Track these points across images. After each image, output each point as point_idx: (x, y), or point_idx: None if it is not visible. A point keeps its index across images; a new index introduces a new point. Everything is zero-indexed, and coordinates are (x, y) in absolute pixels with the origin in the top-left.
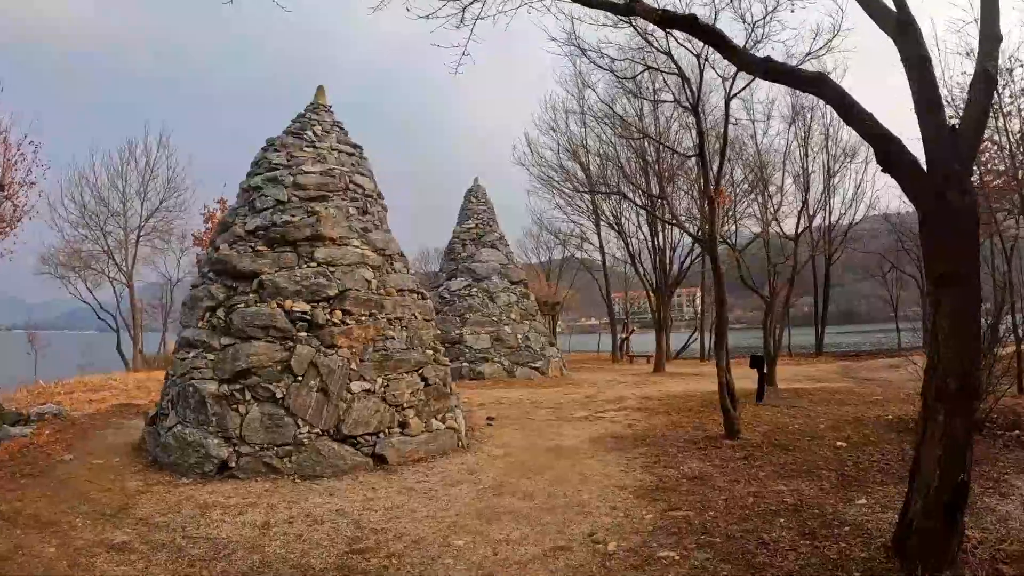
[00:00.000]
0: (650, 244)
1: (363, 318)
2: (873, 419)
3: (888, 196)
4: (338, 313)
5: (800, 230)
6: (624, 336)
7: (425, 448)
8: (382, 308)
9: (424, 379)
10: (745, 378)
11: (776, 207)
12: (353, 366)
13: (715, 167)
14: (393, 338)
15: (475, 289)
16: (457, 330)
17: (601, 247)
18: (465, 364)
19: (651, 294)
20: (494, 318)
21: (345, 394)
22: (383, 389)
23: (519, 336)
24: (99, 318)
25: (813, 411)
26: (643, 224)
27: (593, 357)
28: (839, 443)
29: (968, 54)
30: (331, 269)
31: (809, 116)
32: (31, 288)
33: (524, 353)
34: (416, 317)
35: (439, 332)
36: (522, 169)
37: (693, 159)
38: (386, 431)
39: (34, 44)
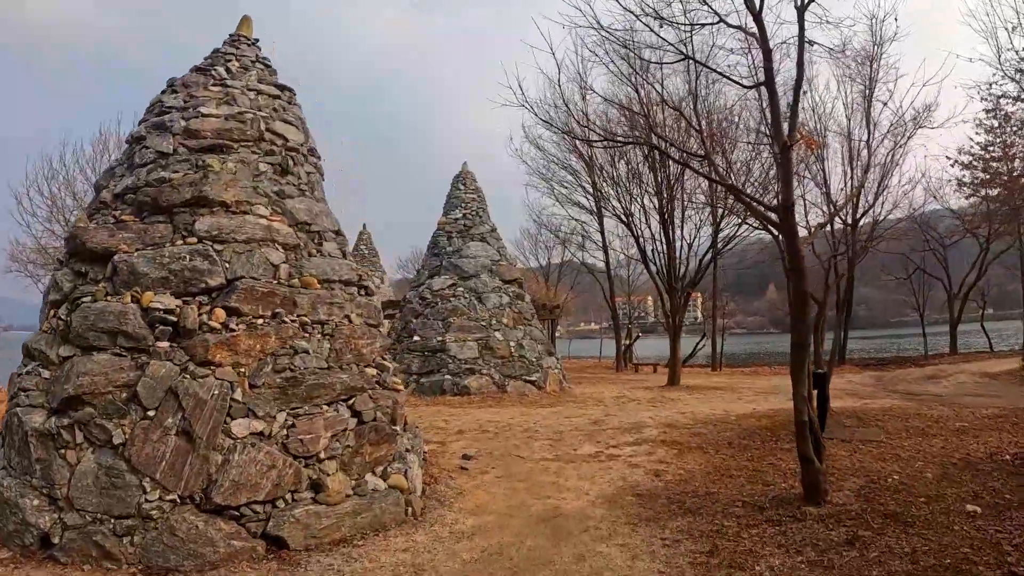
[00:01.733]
0: (662, 239)
1: (260, 321)
2: (984, 458)
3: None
4: (220, 313)
5: (859, 215)
6: (628, 343)
7: (351, 522)
8: (293, 307)
9: (356, 414)
10: (767, 393)
11: (842, 184)
12: (238, 395)
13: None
14: (307, 352)
15: (461, 289)
16: (439, 336)
17: (604, 245)
18: (448, 377)
19: (663, 296)
20: (482, 323)
21: (222, 440)
22: (284, 431)
23: (512, 344)
24: None
25: (898, 447)
26: (653, 218)
27: (594, 364)
28: (970, 507)
29: None
30: (217, 247)
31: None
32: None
33: (517, 364)
34: (350, 321)
35: (396, 342)
36: (518, 169)
37: (754, 92)
38: (288, 497)
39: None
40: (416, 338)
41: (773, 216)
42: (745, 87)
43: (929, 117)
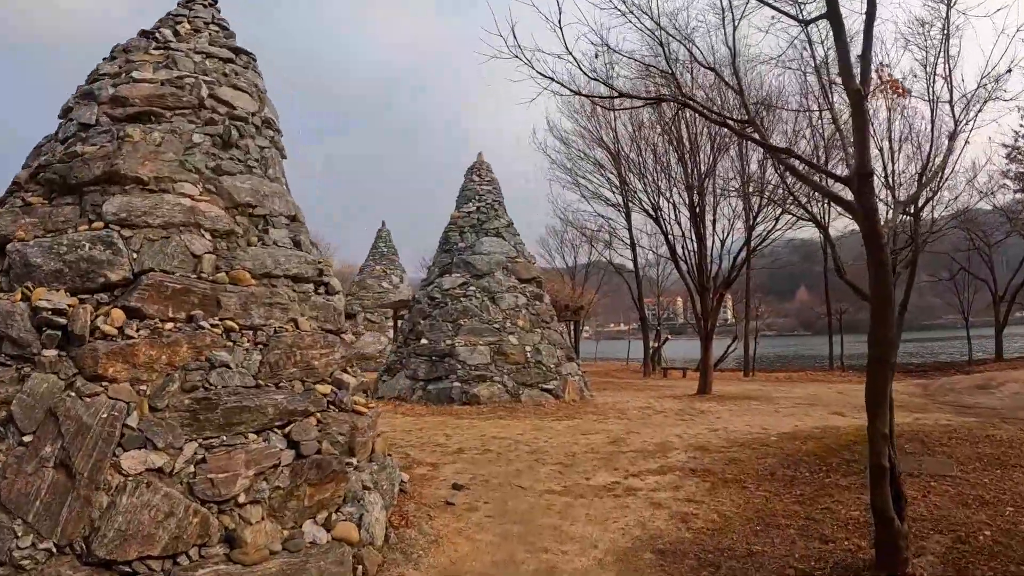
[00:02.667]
0: (692, 236)
1: (168, 326)
2: None
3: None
4: (117, 315)
5: (923, 202)
6: (656, 345)
7: None
8: (216, 308)
9: (293, 445)
10: (807, 405)
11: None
12: (132, 420)
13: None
14: (227, 366)
15: (473, 288)
16: (448, 340)
17: (632, 243)
18: (456, 384)
19: (694, 297)
20: (496, 325)
21: (109, 477)
22: (191, 468)
23: (528, 349)
24: None
25: (977, 483)
26: (683, 213)
27: (621, 368)
28: None
29: None
30: (126, 233)
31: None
32: None
33: (533, 371)
34: (296, 326)
35: (402, 345)
36: (537, 169)
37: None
38: (193, 553)
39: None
40: (424, 341)
41: (838, 198)
42: (802, 20)
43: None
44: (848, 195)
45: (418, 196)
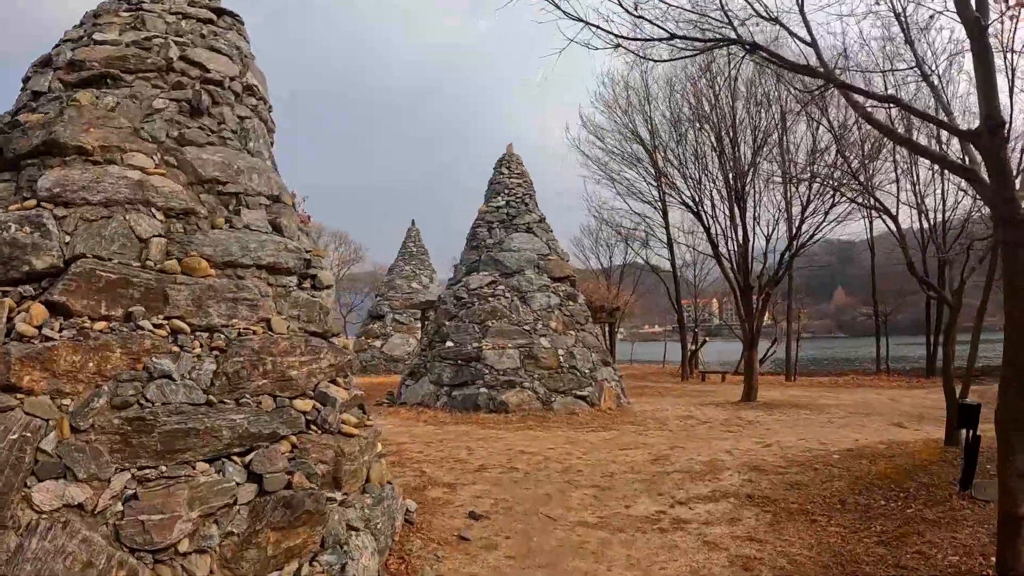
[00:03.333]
0: (733, 230)
1: (99, 325)
2: None
3: None
4: (38, 311)
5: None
6: (694, 348)
7: None
8: (163, 303)
9: (255, 478)
10: (861, 414)
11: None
12: (48, 443)
13: None
14: (170, 378)
15: (502, 287)
16: (475, 343)
17: (669, 240)
18: (483, 390)
19: (737, 296)
20: (526, 327)
21: (19, 512)
22: (118, 505)
23: (560, 352)
24: None
25: None
26: (722, 209)
27: (658, 371)
28: None
29: None
30: (60, 212)
31: None
32: None
33: (567, 376)
34: (269, 327)
35: (426, 348)
36: (566, 174)
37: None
38: None
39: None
40: (449, 344)
41: (953, 163)
42: None
43: None
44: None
45: (452, 194)
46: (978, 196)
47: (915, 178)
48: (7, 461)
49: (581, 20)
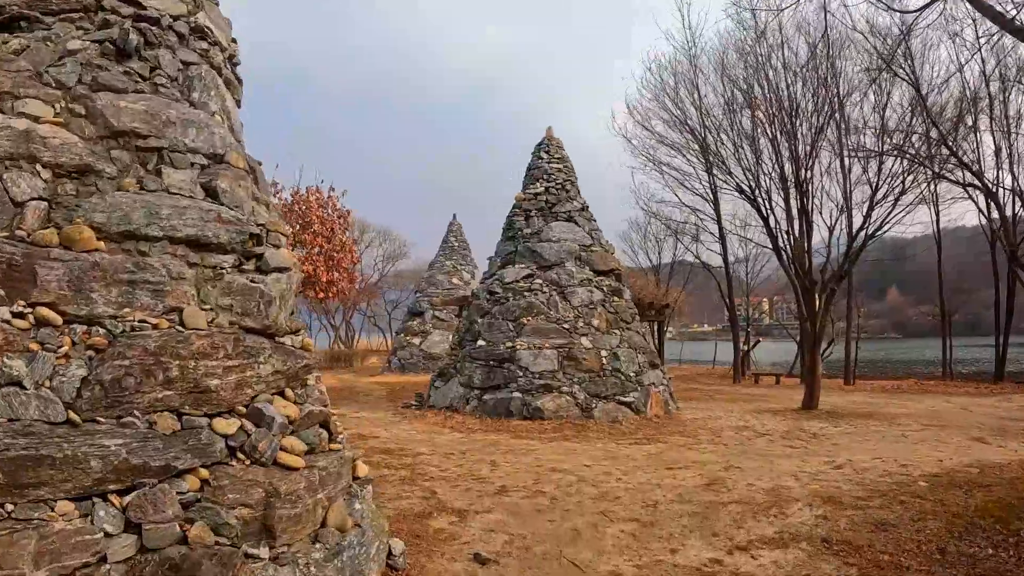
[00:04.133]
0: (794, 224)
1: None
2: None
3: None
4: None
5: None
6: (747, 348)
7: None
8: (28, 285)
9: (133, 527)
10: (936, 427)
11: None
12: None
13: None
14: (20, 386)
15: (539, 281)
16: (508, 342)
17: (722, 234)
18: (516, 395)
19: (800, 293)
20: (565, 325)
21: None
22: None
23: (603, 353)
24: None
25: None
26: (777, 199)
27: (707, 371)
28: None
29: None
30: None
31: None
32: None
33: (609, 380)
34: (180, 323)
35: (456, 347)
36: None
37: None
38: None
39: None
40: (480, 343)
41: None
42: None
43: None
44: None
45: (498, 190)
46: None
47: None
48: None
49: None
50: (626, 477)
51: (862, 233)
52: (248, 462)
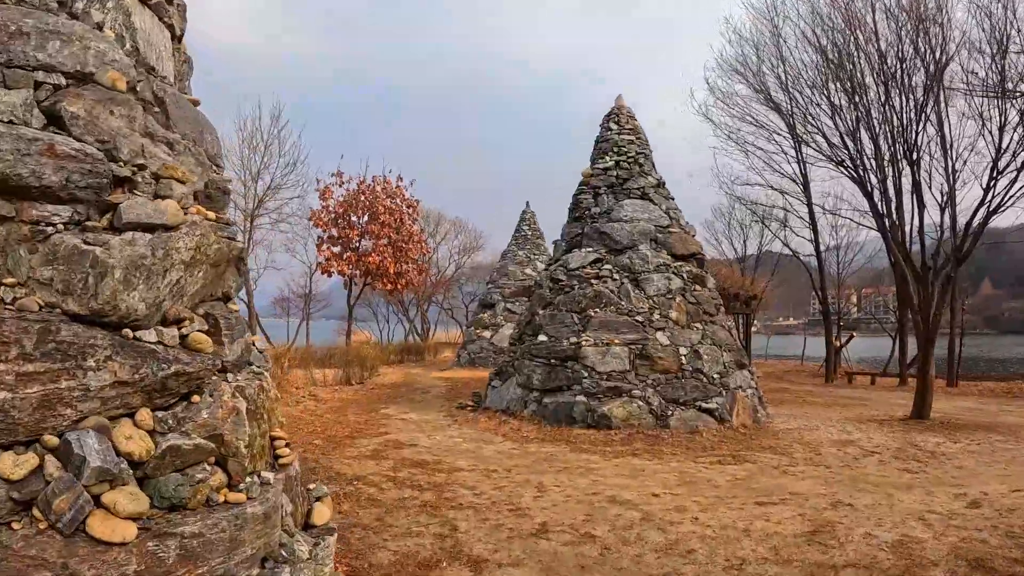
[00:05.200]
0: (902, 202)
1: None
2: None
3: None
4: None
5: None
6: (839, 344)
7: None
8: None
9: None
10: None
11: None
12: None
13: None
14: None
15: (608, 267)
16: (573, 337)
17: (812, 218)
18: (580, 399)
19: (913, 282)
20: (639, 317)
21: None
22: None
23: (683, 351)
24: None
25: None
26: (880, 171)
27: (795, 368)
28: None
29: None
30: None
31: None
32: None
33: (689, 383)
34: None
35: (516, 342)
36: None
37: None
38: None
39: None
40: (541, 338)
41: None
42: None
43: None
44: None
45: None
46: None
47: None
48: None
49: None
50: (704, 515)
51: (982, 210)
52: (44, 525)
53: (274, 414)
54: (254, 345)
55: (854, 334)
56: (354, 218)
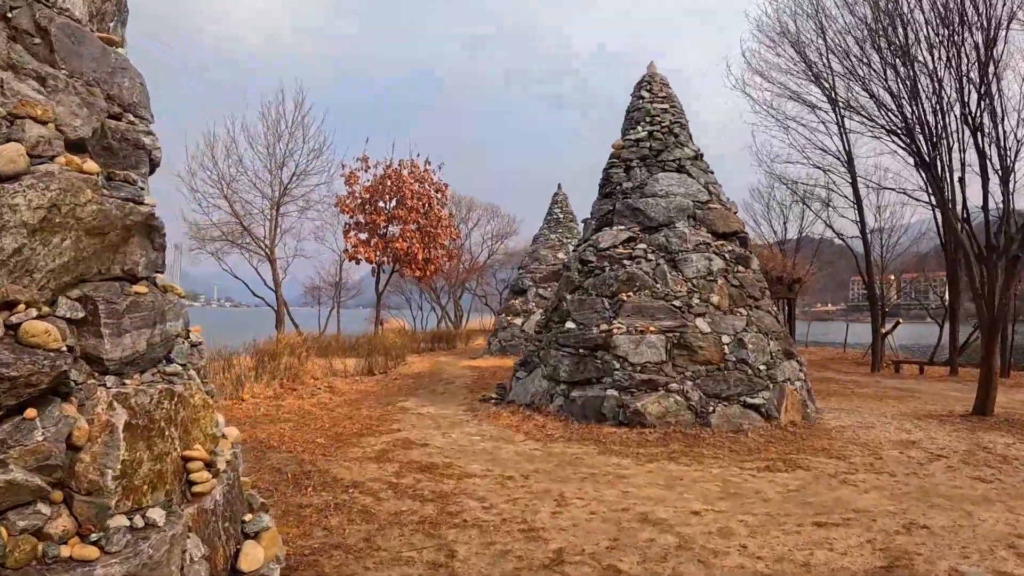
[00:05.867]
0: (961, 175)
1: None
2: None
3: None
4: None
5: None
6: (886, 331)
7: None
8: None
9: None
10: None
11: None
12: None
13: None
14: None
15: (643, 246)
16: (603, 324)
17: (858, 198)
18: (611, 393)
19: (976, 262)
20: (676, 302)
21: None
22: None
23: (725, 340)
24: (254, 295)
25: None
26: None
27: (838, 356)
28: None
29: None
30: None
31: None
32: None
33: (733, 375)
34: None
35: (542, 329)
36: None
37: None
38: None
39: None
40: (569, 325)
41: None
42: None
43: None
44: None
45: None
46: None
47: None
48: None
49: None
50: (754, 542)
51: None
52: None
53: (197, 426)
54: (186, 338)
55: (900, 320)
56: (381, 203)
